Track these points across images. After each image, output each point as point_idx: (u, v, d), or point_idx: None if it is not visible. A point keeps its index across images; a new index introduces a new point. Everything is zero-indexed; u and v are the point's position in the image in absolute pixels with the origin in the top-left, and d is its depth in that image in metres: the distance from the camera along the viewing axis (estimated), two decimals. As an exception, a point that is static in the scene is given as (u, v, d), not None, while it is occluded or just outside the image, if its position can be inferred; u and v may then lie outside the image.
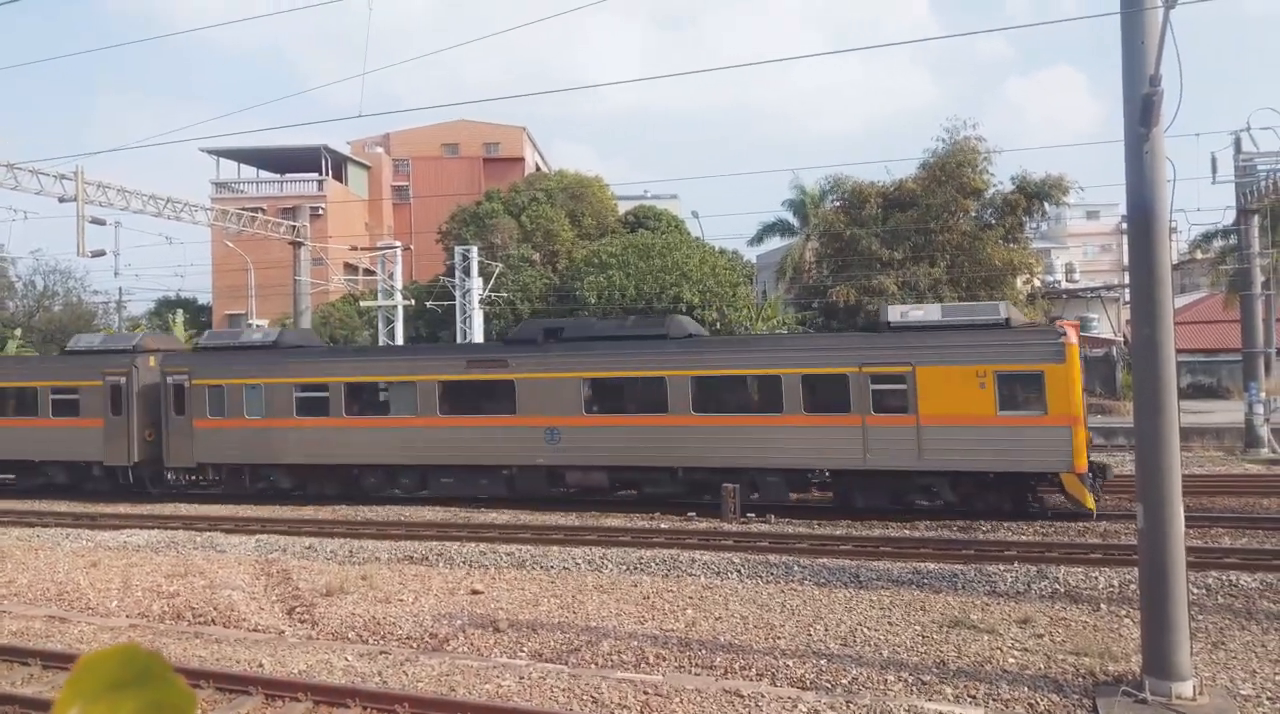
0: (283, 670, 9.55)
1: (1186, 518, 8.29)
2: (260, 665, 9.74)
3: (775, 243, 46.24)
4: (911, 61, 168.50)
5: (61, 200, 23.68)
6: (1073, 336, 16.60)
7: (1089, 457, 16.77)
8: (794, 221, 43.88)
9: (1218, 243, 37.40)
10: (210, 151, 51.51)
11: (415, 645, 10.50)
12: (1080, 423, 16.32)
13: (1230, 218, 28.03)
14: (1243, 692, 8.28)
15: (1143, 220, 8.22)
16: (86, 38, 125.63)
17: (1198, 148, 47.47)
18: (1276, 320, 29.05)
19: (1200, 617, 10.19)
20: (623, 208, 48.12)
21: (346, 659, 9.90)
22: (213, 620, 11.82)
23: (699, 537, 15.85)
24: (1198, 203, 62.65)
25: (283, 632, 11.29)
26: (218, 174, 54.07)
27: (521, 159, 62.07)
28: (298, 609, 12.05)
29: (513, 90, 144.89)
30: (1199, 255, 42.08)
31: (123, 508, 20.93)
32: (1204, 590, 11.25)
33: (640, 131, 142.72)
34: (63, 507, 21.30)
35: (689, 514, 18.04)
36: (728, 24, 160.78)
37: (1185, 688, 7.83)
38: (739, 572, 13.08)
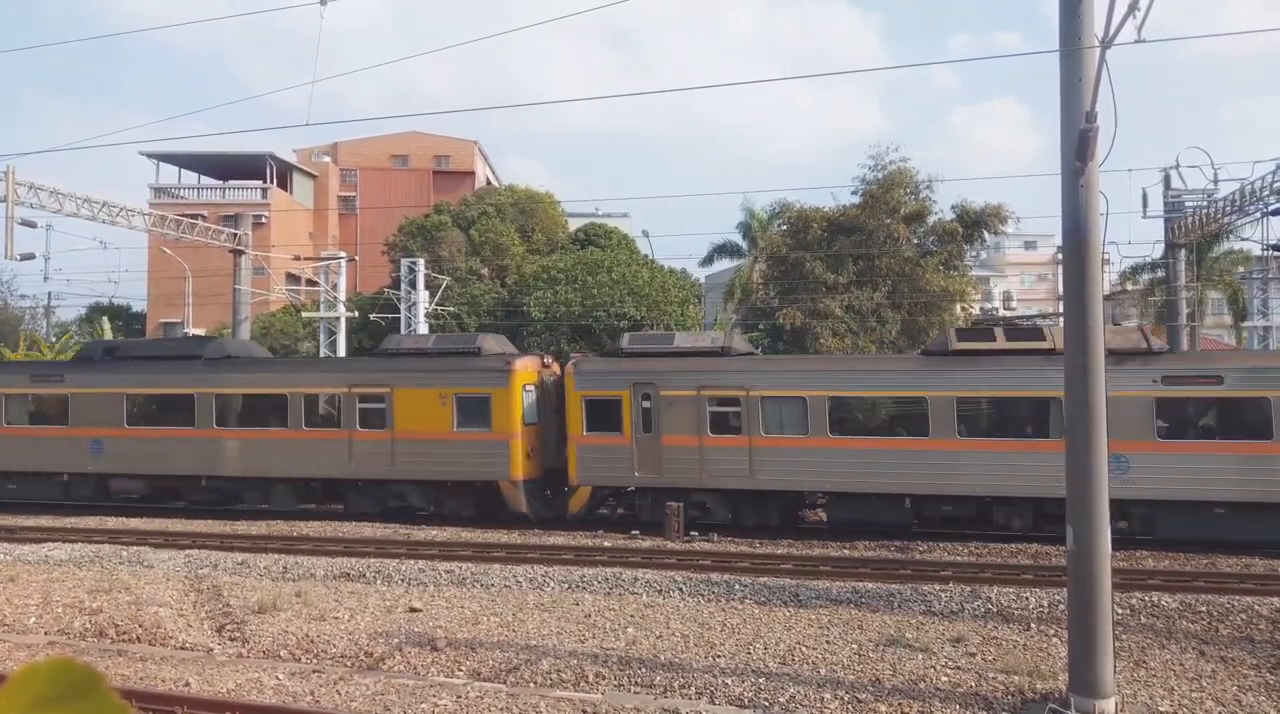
0: (210, 690, 9.28)
1: (1113, 540, 8.57)
2: (187, 684, 9.45)
3: (725, 264, 46.71)
4: (861, 90, 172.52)
5: (-11, 200, 22.82)
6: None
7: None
8: (742, 244, 44.38)
9: (1147, 275, 38.85)
10: (150, 155, 50.13)
11: (350, 664, 10.30)
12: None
13: (1159, 251, 29.20)
14: (1161, 709, 8.57)
15: (1077, 251, 8.53)
16: (14, 35, 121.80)
17: (1130, 183, 49.27)
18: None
19: (1124, 636, 10.52)
20: (573, 225, 48.10)
21: (278, 678, 9.66)
22: (138, 638, 11.44)
23: (642, 555, 15.85)
24: (1129, 236, 64.85)
25: (211, 650, 10.98)
26: (157, 178, 52.67)
27: (472, 173, 61.63)
28: (228, 626, 11.72)
29: (463, 104, 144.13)
30: (1129, 287, 43.61)
31: (44, 520, 20.16)
32: (1128, 610, 11.61)
33: (591, 148, 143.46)
34: (-20, 518, 20.44)
35: (633, 532, 18.07)
36: (676, 45, 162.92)
37: (1108, 705, 8.07)
38: (681, 590, 13.11)
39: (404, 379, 19.44)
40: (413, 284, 35.49)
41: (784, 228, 37.90)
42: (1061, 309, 10.13)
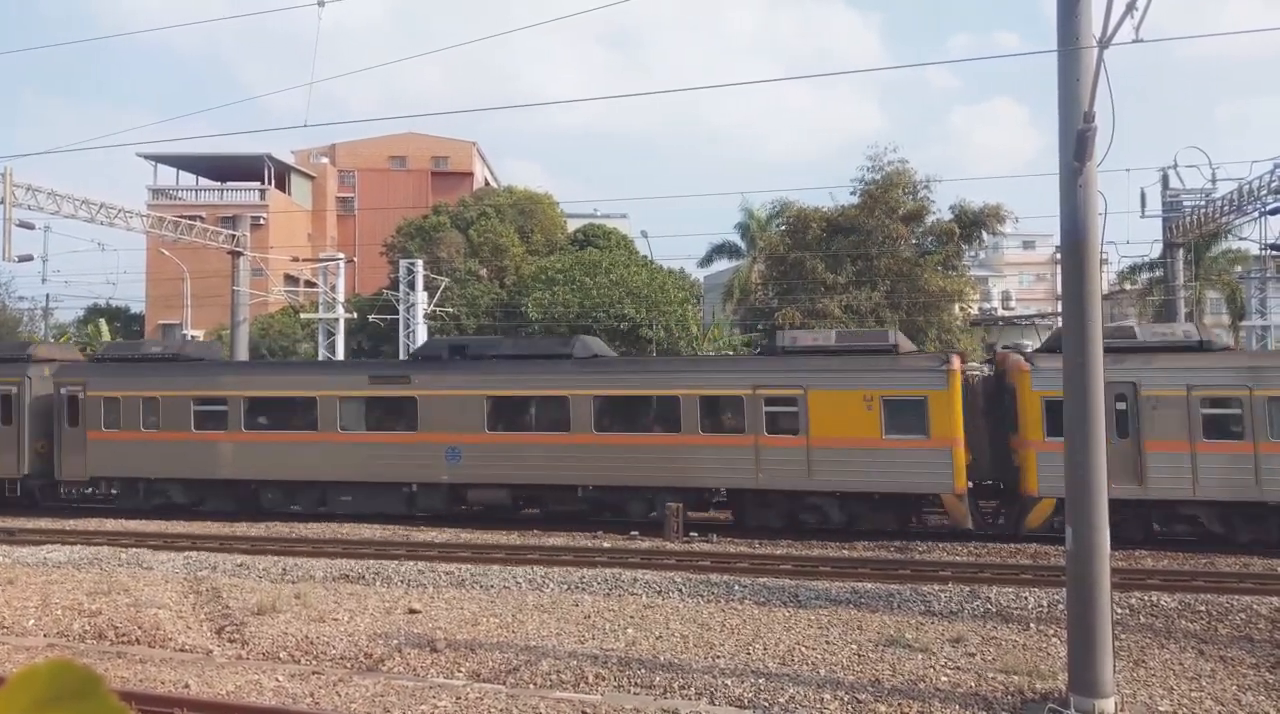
0: (210, 691, 9.27)
1: (1112, 539, 8.58)
2: (186, 686, 9.43)
3: (724, 264, 46.71)
4: (860, 90, 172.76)
5: (-13, 202, 22.82)
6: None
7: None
8: (741, 244, 44.38)
9: (1145, 275, 38.89)
10: (148, 157, 50.11)
11: (349, 666, 10.29)
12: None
13: (1157, 251, 29.24)
14: (1161, 708, 8.56)
15: (1076, 251, 8.53)
16: (14, 35, 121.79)
17: (1128, 182, 49.33)
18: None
19: (1123, 636, 10.52)
20: (572, 226, 48.12)
21: (277, 680, 9.65)
22: (137, 640, 11.42)
23: (641, 556, 15.84)
24: (1127, 235, 64.90)
25: (211, 651, 10.97)
26: (155, 180, 52.65)
27: (470, 174, 61.63)
28: (227, 628, 11.71)
29: (460, 104, 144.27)
30: (1128, 286, 43.65)
31: (43, 523, 20.14)
32: (1127, 610, 11.62)
33: (590, 149, 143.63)
34: (-21, 521, 20.40)
35: (632, 533, 18.04)
36: (675, 45, 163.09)
37: (1108, 704, 8.07)
38: (680, 590, 13.11)
39: (819, 379, 17.59)
40: (411, 285, 35.50)
41: (783, 228, 37.92)
42: (1060, 309, 10.17)
